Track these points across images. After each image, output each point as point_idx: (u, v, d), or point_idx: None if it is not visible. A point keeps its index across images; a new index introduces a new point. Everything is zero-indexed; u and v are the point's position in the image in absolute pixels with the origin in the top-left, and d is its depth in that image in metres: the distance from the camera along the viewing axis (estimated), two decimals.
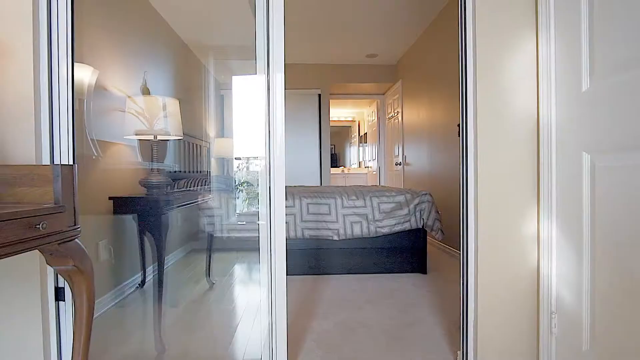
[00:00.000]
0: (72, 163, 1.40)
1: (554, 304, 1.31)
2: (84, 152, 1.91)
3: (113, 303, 2.31)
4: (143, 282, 2.65)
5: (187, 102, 3.64)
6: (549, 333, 1.33)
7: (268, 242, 1.52)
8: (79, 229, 1.07)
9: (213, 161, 4.71)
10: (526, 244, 1.44)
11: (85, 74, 1.80)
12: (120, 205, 2.31)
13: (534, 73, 1.43)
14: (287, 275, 1.44)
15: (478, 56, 1.45)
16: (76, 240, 1.06)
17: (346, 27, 4.45)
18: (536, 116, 1.43)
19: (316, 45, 5.01)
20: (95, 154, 1.94)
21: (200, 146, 4.06)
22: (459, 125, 1.93)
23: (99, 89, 2.13)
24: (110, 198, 2.28)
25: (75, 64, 1.70)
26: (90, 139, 1.91)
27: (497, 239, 1.46)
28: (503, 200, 1.46)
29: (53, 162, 1.38)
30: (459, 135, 1.91)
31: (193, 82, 4.04)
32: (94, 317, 1.14)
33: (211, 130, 4.66)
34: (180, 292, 2.63)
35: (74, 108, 1.41)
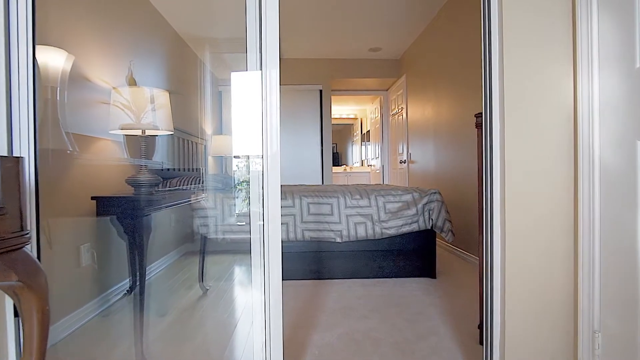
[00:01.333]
0: (33, 157, 1.21)
1: (597, 322, 1.11)
2: (56, 146, 1.72)
3: (97, 312, 2.12)
4: (132, 288, 2.47)
5: (180, 96, 3.45)
6: (590, 354, 1.14)
7: (261, 244, 1.33)
8: (27, 236, 0.88)
9: (210, 159, 4.52)
10: (560, 251, 1.24)
11: (57, 59, 1.62)
12: (105, 205, 2.13)
13: (569, 51, 1.23)
14: (286, 280, 1.29)
15: (505, 32, 1.25)
16: (24, 249, 0.87)
17: (348, 19, 4.26)
18: (572, 100, 1.23)
19: (317, 38, 4.82)
20: (71, 149, 1.75)
21: (196, 143, 3.87)
22: (476, 116, 1.73)
23: (77, 77, 1.95)
24: (93, 198, 2.09)
25: (44, 47, 1.51)
26: (65, 132, 1.72)
27: (526, 245, 1.26)
28: (533, 201, 1.26)
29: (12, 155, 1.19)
30: (477, 127, 1.71)
31: (188, 76, 3.85)
32: (55, 341, 0.94)
33: (208, 127, 4.47)
34: (170, 299, 2.45)
35: (35, 95, 1.22)
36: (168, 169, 3.06)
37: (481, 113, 1.68)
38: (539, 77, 1.25)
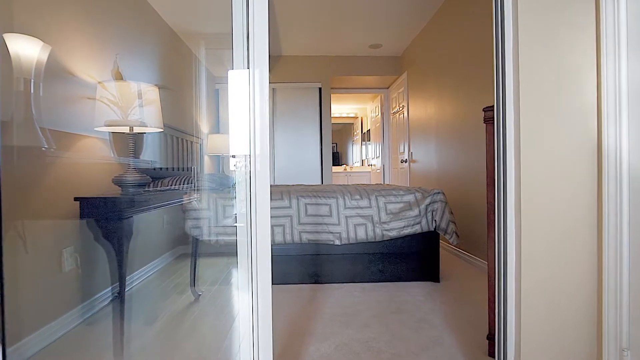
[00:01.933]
0: None
1: (626, 339, 0.99)
2: (29, 143, 1.60)
3: (81, 320, 2.00)
4: (120, 294, 2.35)
5: (173, 93, 3.33)
6: None
7: (249, 246, 1.21)
8: None
9: (206, 158, 4.39)
10: (583, 260, 1.12)
11: (30, 49, 1.50)
12: (89, 206, 2.01)
13: (591, 35, 1.10)
14: (282, 284, 1.18)
15: (520, 17, 1.12)
16: None
17: (348, 15, 4.13)
18: (596, 91, 1.11)
19: (316, 35, 4.69)
20: (46, 146, 1.63)
21: (191, 142, 3.75)
22: (485, 110, 1.61)
23: (57, 70, 1.82)
24: (76, 198, 1.98)
25: (15, 34, 1.39)
26: (41, 127, 1.60)
27: (545, 253, 1.14)
28: (552, 203, 1.14)
29: None
30: (486, 122, 1.58)
31: (182, 73, 3.73)
32: (32, 353, 0.82)
33: (204, 125, 4.34)
34: (159, 306, 2.33)
35: None
36: (160, 169, 2.94)
37: (491, 106, 1.56)
38: (558, 66, 1.12)
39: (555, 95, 1.12)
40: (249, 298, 1.22)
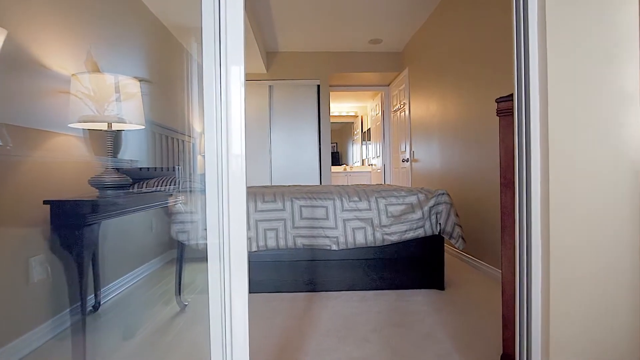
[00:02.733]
0: None
1: None
2: None
3: (52, 335, 1.82)
4: (97, 305, 2.17)
5: (161, 88, 3.15)
6: None
7: (220, 252, 1.02)
8: None
9: (200, 158, 4.21)
10: (625, 278, 0.94)
11: None
12: (59, 210, 1.84)
13: (635, 8, 0.92)
14: (275, 292, 1.02)
15: None
16: None
17: (346, 9, 3.95)
18: None
19: (313, 30, 4.51)
20: (1, 143, 1.45)
21: (183, 141, 3.58)
22: (499, 101, 1.42)
23: (17, 58, 1.65)
24: (45, 202, 1.80)
25: None
26: None
27: (578, 267, 0.95)
28: (587, 207, 0.95)
29: None
30: (499, 115, 1.40)
31: (171, 68, 3.55)
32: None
33: (197, 123, 4.16)
34: (141, 318, 2.15)
35: None
36: (148, 169, 2.76)
37: (505, 96, 1.37)
38: (595, 45, 0.94)
39: (592, 82, 0.94)
40: (220, 314, 1.04)
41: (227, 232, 0.98)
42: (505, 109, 1.40)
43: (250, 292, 2.52)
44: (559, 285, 0.96)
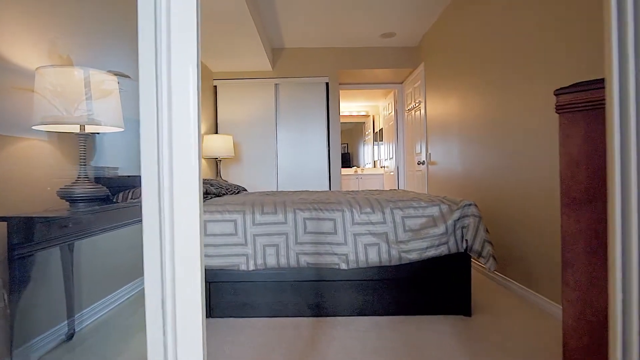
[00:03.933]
0: None
1: None
2: None
3: None
4: (72, 335, 1.90)
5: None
6: None
7: (161, 309, 0.72)
8: None
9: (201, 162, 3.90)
10: None
11: None
12: (21, 227, 1.56)
13: None
14: (276, 317, 0.76)
15: None
16: None
17: (356, 0, 3.62)
18: None
19: (321, 24, 4.19)
20: None
21: None
22: (558, 93, 1.09)
23: None
24: (2, 219, 1.53)
25: None
26: None
27: None
28: None
29: None
30: (559, 111, 1.06)
31: None
32: None
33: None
34: (122, 346, 1.86)
35: None
36: (132, 176, 2.48)
37: (564, 88, 1.03)
38: None
39: None
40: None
41: (170, 278, 0.67)
42: (567, 104, 1.06)
43: (246, 316, 2.22)
44: None
